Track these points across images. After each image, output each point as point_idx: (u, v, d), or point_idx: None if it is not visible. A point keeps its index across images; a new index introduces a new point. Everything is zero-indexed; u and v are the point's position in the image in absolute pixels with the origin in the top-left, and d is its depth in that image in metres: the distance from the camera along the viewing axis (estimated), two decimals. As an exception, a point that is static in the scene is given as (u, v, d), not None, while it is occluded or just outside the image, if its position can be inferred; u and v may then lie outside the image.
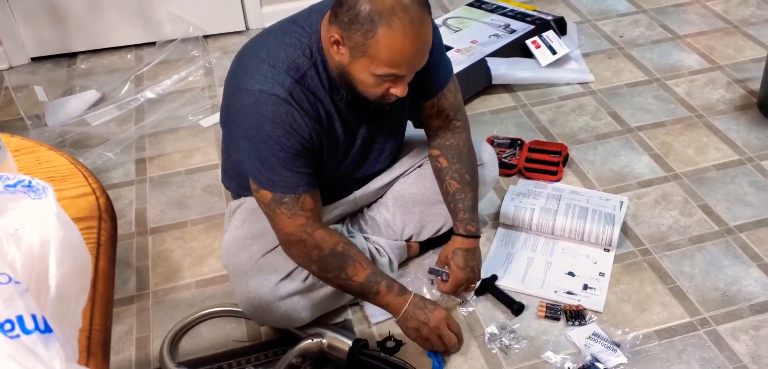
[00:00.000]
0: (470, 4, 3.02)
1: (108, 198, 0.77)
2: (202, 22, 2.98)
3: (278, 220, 1.48)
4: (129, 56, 2.97)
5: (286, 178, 1.45)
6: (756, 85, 2.49)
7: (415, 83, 1.54)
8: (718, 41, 2.81)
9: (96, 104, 2.63)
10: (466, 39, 2.73)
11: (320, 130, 1.49)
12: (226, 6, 3.04)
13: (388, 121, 1.64)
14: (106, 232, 0.71)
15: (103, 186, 0.81)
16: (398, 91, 1.40)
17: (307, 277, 1.57)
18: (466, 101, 2.54)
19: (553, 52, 2.67)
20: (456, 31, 2.80)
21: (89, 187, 0.76)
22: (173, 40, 2.94)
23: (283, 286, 1.55)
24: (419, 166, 1.79)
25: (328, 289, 1.60)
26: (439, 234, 1.82)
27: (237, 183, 1.74)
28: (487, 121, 2.45)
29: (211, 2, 3.00)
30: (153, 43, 2.98)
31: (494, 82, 2.58)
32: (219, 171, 2.05)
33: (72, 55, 2.98)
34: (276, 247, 1.58)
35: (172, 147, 2.38)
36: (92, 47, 3.00)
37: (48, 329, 0.56)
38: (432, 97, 1.65)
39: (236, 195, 1.77)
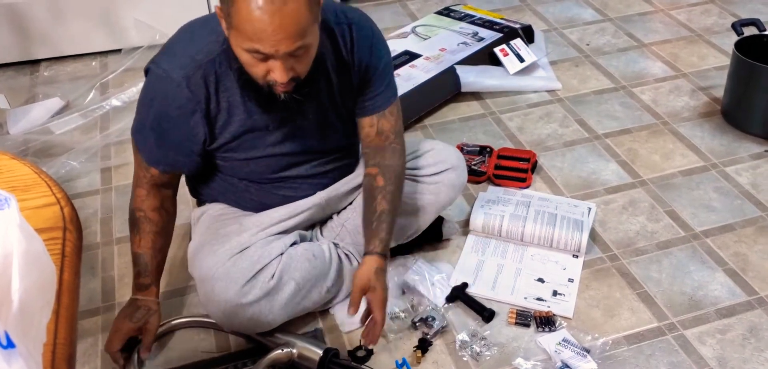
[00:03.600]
0: (439, 13, 3.03)
1: (73, 208, 0.75)
2: (168, 29, 2.92)
3: (134, 170, 1.59)
4: (93, 63, 2.92)
5: (151, 150, 1.52)
6: (719, 93, 2.53)
7: (352, 92, 1.56)
8: (682, 49, 2.86)
9: (60, 112, 2.58)
10: (435, 47, 2.73)
11: (219, 116, 1.47)
12: (192, 11, 2.99)
13: (306, 116, 1.55)
14: (71, 243, 0.69)
15: (68, 196, 0.79)
16: (276, 74, 1.31)
17: (271, 279, 1.55)
18: (435, 109, 2.55)
19: (521, 60, 2.69)
20: (425, 39, 2.80)
21: (53, 197, 0.74)
22: (139, 48, 2.90)
23: (248, 288, 1.53)
24: None
25: (290, 290, 1.58)
26: (409, 239, 1.82)
27: (192, 187, 1.73)
28: (457, 128, 2.46)
29: (177, 9, 2.95)
30: (118, 51, 2.94)
31: (463, 89, 2.58)
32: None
33: (35, 63, 2.93)
34: (242, 251, 1.56)
35: (138, 155, 2.34)
36: (56, 54, 2.95)
37: (10, 344, 0.55)
38: (372, 114, 1.62)
39: (200, 202, 1.75)
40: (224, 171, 1.62)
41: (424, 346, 1.63)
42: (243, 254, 1.57)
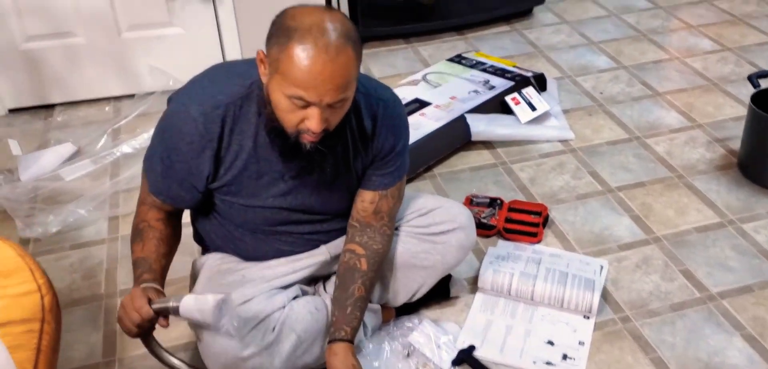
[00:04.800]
0: (450, 60, 3.02)
1: (54, 295, 0.73)
2: (182, 75, 2.93)
3: (141, 191, 1.59)
4: (107, 108, 2.93)
5: (157, 180, 1.52)
6: (736, 145, 2.48)
7: (365, 163, 1.56)
8: (698, 98, 2.82)
9: (71, 158, 2.58)
10: (446, 95, 2.71)
11: (228, 156, 1.48)
12: (207, 58, 3.00)
13: (324, 173, 1.55)
14: (49, 336, 0.67)
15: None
16: (312, 123, 1.33)
17: (272, 331, 1.53)
18: (445, 158, 2.53)
19: (533, 109, 2.66)
20: (435, 87, 2.79)
21: (35, 284, 0.72)
22: (152, 93, 2.91)
23: (249, 340, 1.51)
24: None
25: (291, 343, 1.55)
26: (414, 298, 1.78)
27: (195, 230, 1.72)
28: (466, 178, 2.43)
29: (191, 54, 2.97)
30: (132, 96, 2.95)
31: (473, 138, 2.56)
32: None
33: (49, 107, 2.95)
34: (243, 303, 1.55)
35: (146, 204, 2.33)
36: (70, 99, 2.97)
37: None
38: (375, 189, 1.61)
39: (203, 249, 1.73)
40: (222, 214, 1.60)
41: (428, 411, 1.59)
42: (244, 307, 1.55)
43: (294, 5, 1.36)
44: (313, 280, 1.73)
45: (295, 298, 1.63)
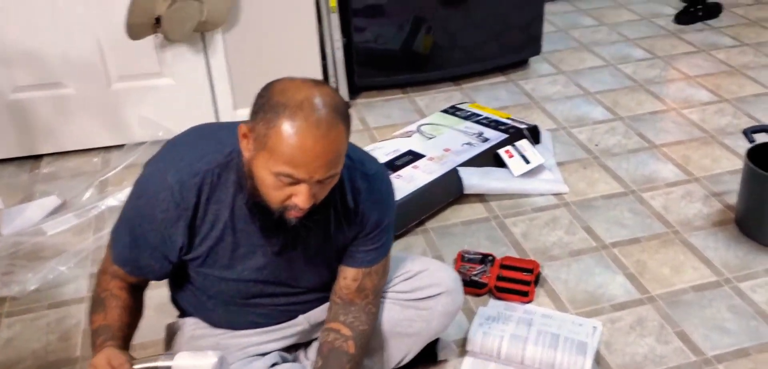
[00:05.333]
0: (445, 111, 2.98)
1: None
2: (172, 125, 2.91)
3: (104, 259, 1.51)
4: (95, 159, 2.90)
5: (123, 249, 1.44)
6: (733, 199, 2.43)
7: (346, 239, 1.49)
8: (695, 151, 2.77)
9: (56, 211, 2.54)
10: (439, 147, 2.67)
11: (203, 227, 1.41)
12: (198, 109, 3.00)
13: (308, 247, 1.49)
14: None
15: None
16: (300, 199, 1.27)
17: None
18: (438, 211, 2.47)
19: (527, 162, 2.62)
20: (429, 139, 2.75)
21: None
22: (142, 143, 2.87)
23: None
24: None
25: None
26: (399, 365, 1.72)
27: (172, 294, 1.65)
28: (459, 233, 2.38)
29: (182, 105, 2.96)
30: (121, 146, 2.92)
31: (466, 192, 2.51)
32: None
33: (37, 158, 2.91)
34: None
35: (129, 259, 2.28)
36: (58, 150, 2.93)
37: None
38: (359, 266, 1.55)
39: (180, 312, 1.67)
40: (194, 283, 1.54)
41: None
42: None
43: (281, 78, 1.31)
44: (293, 347, 1.67)
45: (274, 365, 1.56)
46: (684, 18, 3.95)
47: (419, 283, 1.67)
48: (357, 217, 1.49)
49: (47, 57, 2.77)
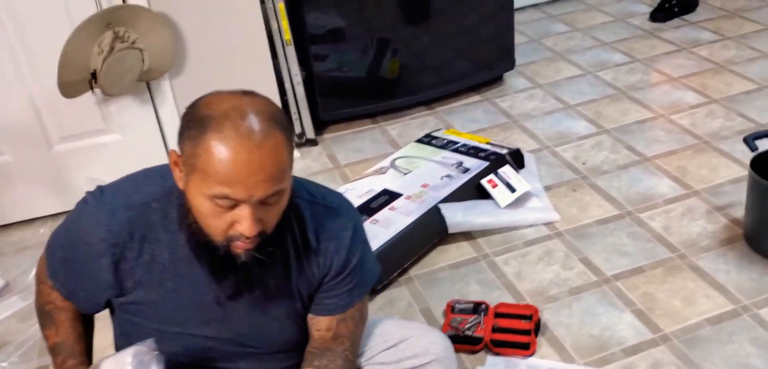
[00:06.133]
0: (420, 141, 2.77)
1: None
2: (124, 185, 2.67)
3: (38, 268, 1.38)
4: (42, 230, 2.64)
5: (56, 265, 1.32)
6: (738, 212, 2.24)
7: (311, 284, 1.31)
8: (690, 160, 2.59)
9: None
10: (417, 183, 2.46)
11: (136, 269, 1.24)
12: (150, 163, 2.71)
13: (267, 290, 1.28)
14: None
15: None
16: (244, 226, 1.10)
17: None
18: (422, 255, 2.25)
19: (512, 190, 2.41)
20: (405, 174, 2.53)
21: None
22: (93, 206, 2.62)
23: None
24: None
25: None
26: None
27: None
28: (446, 278, 2.16)
29: (132, 161, 2.61)
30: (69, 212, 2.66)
31: (450, 231, 2.30)
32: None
33: (-24, 234, 2.65)
34: None
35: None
36: (0, 223, 2.67)
37: None
38: (331, 314, 1.35)
39: None
40: (133, 340, 1.31)
41: None
42: None
43: (208, 93, 1.15)
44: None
45: None
46: (659, 15, 3.79)
47: (405, 353, 1.45)
48: (320, 257, 1.30)
49: (-22, 124, 2.51)
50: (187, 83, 2.68)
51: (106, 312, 1.38)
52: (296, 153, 2.91)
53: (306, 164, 2.86)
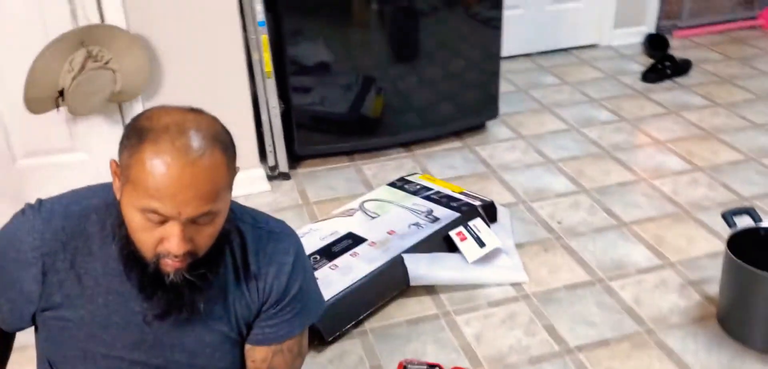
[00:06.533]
0: (392, 184, 2.70)
1: None
2: (85, 206, 2.58)
3: None
4: None
5: None
6: (713, 289, 2.15)
7: (250, 311, 1.25)
8: (668, 229, 2.50)
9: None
10: (383, 229, 2.37)
11: (65, 283, 1.18)
12: (115, 186, 2.66)
13: (195, 312, 1.21)
14: None
15: None
16: (172, 244, 1.07)
17: None
18: (380, 308, 2.16)
19: (482, 245, 2.32)
20: (373, 218, 2.45)
21: None
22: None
23: None
24: None
25: None
26: None
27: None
28: (402, 334, 2.06)
29: (96, 182, 2.62)
30: (26, 229, 2.57)
31: (412, 284, 2.21)
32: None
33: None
34: None
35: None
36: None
37: None
38: (268, 344, 1.29)
39: None
40: (56, 359, 1.26)
41: None
42: None
43: (153, 106, 1.13)
44: None
45: None
46: (652, 76, 3.73)
47: None
48: (259, 282, 1.26)
49: (-63, 132, 2.44)
50: (158, 107, 2.60)
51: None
52: (266, 186, 2.83)
53: (275, 198, 2.78)
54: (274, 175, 2.91)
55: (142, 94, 2.57)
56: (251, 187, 2.81)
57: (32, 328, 1.26)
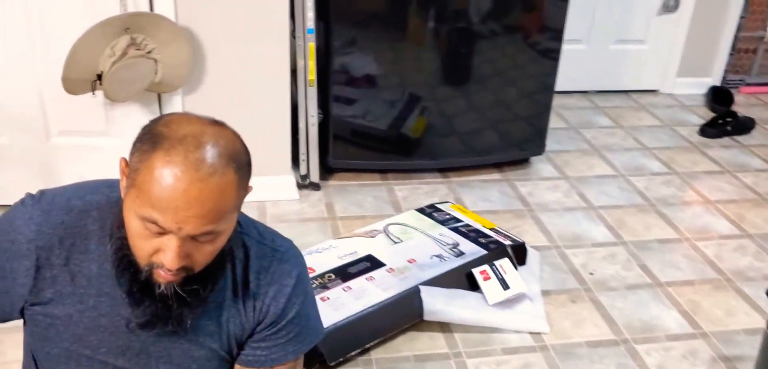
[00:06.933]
0: (421, 210, 2.62)
1: None
2: (113, 191, 2.59)
3: None
4: (23, 219, 2.57)
5: None
6: (746, 368, 2.01)
7: (244, 330, 1.21)
8: (706, 296, 2.36)
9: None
10: (403, 256, 2.30)
11: (58, 278, 1.14)
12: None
13: (182, 327, 1.16)
14: None
15: None
16: (166, 257, 1.03)
17: None
18: (389, 339, 2.09)
19: (505, 288, 2.23)
20: (396, 243, 2.38)
21: None
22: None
23: None
24: None
25: None
26: None
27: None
28: (410, 369, 1.99)
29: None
30: (54, 207, 2.59)
31: (426, 318, 2.13)
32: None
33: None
34: None
35: None
36: None
37: None
38: (261, 366, 1.24)
39: None
40: (41, 356, 1.23)
41: None
42: None
43: (174, 112, 1.12)
44: None
45: None
46: (710, 131, 3.55)
47: None
48: (257, 300, 1.21)
49: (-20, 101, 2.48)
50: (200, 102, 2.60)
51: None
52: (295, 194, 2.79)
53: (302, 208, 2.73)
54: (304, 184, 2.87)
55: (183, 87, 2.56)
56: (280, 193, 2.77)
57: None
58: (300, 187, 2.85)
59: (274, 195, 2.75)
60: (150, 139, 1.03)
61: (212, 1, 2.47)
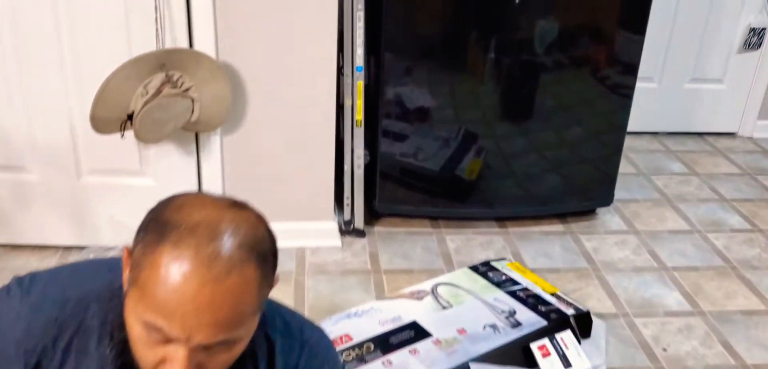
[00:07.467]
0: (474, 268, 2.38)
1: None
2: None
3: None
4: (51, 259, 2.44)
5: None
6: None
7: None
8: (800, 385, 2.06)
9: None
10: (453, 325, 2.07)
11: None
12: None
13: None
14: None
15: None
16: (173, 368, 0.87)
17: None
18: (434, 422, 1.85)
19: (567, 365, 1.98)
20: (444, 308, 2.15)
21: None
22: (112, 248, 2.45)
23: None
24: None
25: None
26: None
27: None
28: None
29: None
30: (83, 248, 2.47)
31: (476, 400, 1.89)
32: None
33: (-15, 247, 2.49)
34: None
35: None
36: (10, 242, 2.50)
37: None
38: None
39: None
40: None
41: None
42: None
43: (191, 191, 0.95)
44: None
45: None
46: (798, 181, 3.22)
47: None
48: None
49: (12, 137, 2.36)
50: (240, 143, 2.44)
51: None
52: (337, 241, 2.59)
53: (344, 258, 2.53)
54: (348, 230, 2.67)
55: (222, 126, 2.40)
56: (321, 240, 2.58)
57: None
58: (343, 233, 2.65)
59: (314, 242, 2.56)
60: (156, 228, 0.87)
61: (255, 36, 2.30)
